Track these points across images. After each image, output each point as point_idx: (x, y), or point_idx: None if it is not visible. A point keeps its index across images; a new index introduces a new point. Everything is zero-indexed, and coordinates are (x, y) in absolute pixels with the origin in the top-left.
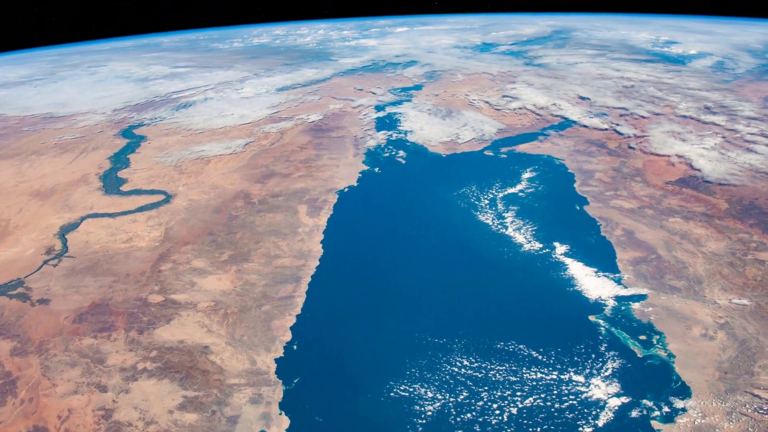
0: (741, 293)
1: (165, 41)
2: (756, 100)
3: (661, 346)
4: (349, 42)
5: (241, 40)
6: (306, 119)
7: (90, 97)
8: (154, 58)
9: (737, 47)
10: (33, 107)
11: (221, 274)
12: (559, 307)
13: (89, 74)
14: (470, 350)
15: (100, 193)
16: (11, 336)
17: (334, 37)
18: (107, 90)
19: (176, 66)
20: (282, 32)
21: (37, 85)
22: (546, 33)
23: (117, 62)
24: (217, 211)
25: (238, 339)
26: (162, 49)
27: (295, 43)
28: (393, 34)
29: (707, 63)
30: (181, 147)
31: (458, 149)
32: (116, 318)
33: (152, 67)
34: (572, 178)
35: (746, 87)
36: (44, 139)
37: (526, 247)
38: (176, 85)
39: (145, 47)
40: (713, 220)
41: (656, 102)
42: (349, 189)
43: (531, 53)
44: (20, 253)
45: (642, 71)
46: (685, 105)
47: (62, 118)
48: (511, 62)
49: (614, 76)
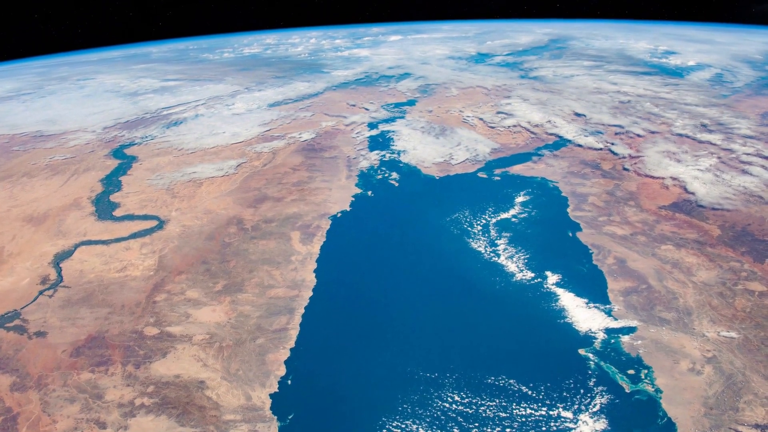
0: (729, 325)
1: (154, 51)
2: (753, 117)
3: (649, 380)
4: (341, 52)
5: (232, 50)
6: (298, 138)
7: (80, 114)
8: (143, 70)
9: (737, 58)
10: (22, 125)
11: (215, 305)
12: (550, 340)
13: (78, 88)
14: (461, 385)
15: (93, 219)
16: (10, 370)
17: (326, 46)
18: (97, 105)
19: (166, 79)
20: (273, 41)
21: (25, 100)
22: (542, 42)
23: (106, 75)
24: (211, 238)
25: (234, 373)
26: (151, 60)
27: (286, 53)
28: (386, 44)
29: (706, 75)
30: (173, 168)
31: (452, 171)
32: (113, 351)
33: (142, 80)
34: (566, 202)
35: (744, 102)
36: (35, 159)
37: (518, 276)
38: (166, 100)
39: (134, 58)
40: (705, 248)
41: (652, 119)
42: (342, 214)
43: (527, 64)
44: (16, 283)
45: (639, 85)
46: (681, 122)
47: (52, 137)
48: (507, 74)
49: (611, 90)
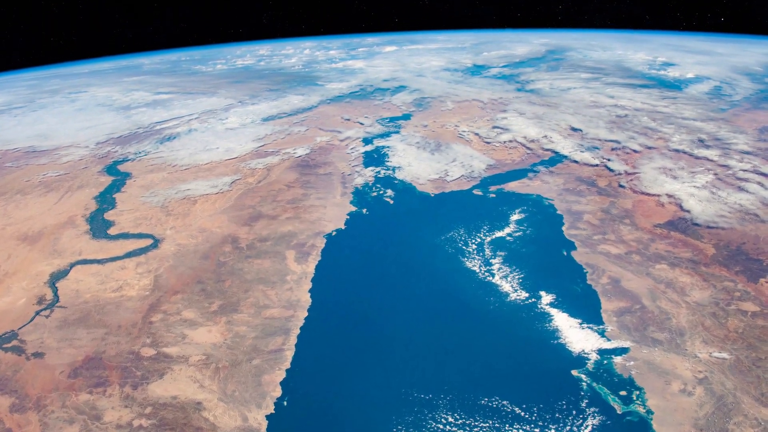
0: (722, 346)
1: (146, 63)
2: (751, 132)
3: (641, 402)
4: (336, 64)
5: (225, 62)
6: (293, 154)
7: (72, 128)
8: (135, 83)
9: (736, 70)
10: (14, 140)
11: (211, 325)
12: (543, 360)
13: (70, 101)
14: (455, 406)
15: (87, 237)
16: (9, 391)
17: (320, 57)
18: (89, 120)
19: (159, 92)
20: (266, 52)
21: (16, 114)
22: (540, 53)
23: (98, 87)
24: (206, 257)
25: (230, 394)
26: (143, 72)
27: (280, 64)
28: (381, 55)
29: (704, 88)
30: (167, 185)
31: (447, 188)
32: (110, 372)
33: (134, 93)
34: (561, 221)
35: (742, 116)
36: (28, 176)
37: (512, 296)
38: (159, 114)
39: (126, 70)
40: (699, 267)
41: (649, 134)
42: (337, 232)
43: (523, 77)
44: (12, 303)
45: (637, 98)
46: (678, 137)
47: (45, 153)
48: (503, 87)
49: (608, 103)
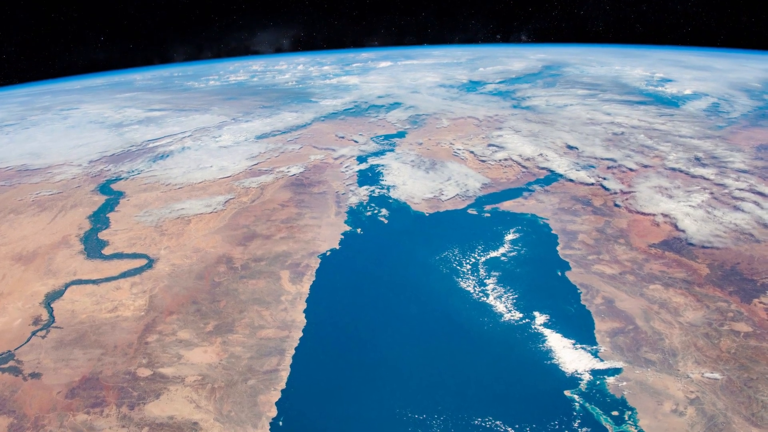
0: (714, 366)
1: (138, 78)
2: (748, 150)
3: (632, 422)
4: (330, 80)
5: (217, 77)
6: (287, 172)
7: (64, 146)
8: (127, 99)
9: (734, 86)
10: (6, 158)
11: (207, 345)
12: (537, 381)
13: (62, 119)
14: (449, 427)
15: (82, 257)
16: (7, 412)
17: (314, 73)
18: (81, 137)
19: (151, 109)
20: (260, 68)
21: (8, 132)
22: (536, 69)
23: (89, 104)
24: (200, 277)
25: (226, 415)
26: (135, 88)
27: (273, 80)
28: (375, 70)
29: (701, 105)
30: (161, 204)
31: (441, 207)
32: (107, 393)
33: (126, 110)
34: (555, 240)
35: (739, 134)
36: (21, 195)
37: (506, 317)
38: (152, 131)
39: (118, 86)
40: (693, 287)
41: (646, 152)
42: (332, 252)
43: (519, 93)
44: (8, 323)
45: (634, 115)
46: (675, 155)
47: (38, 171)
48: (499, 104)
49: (605, 120)
